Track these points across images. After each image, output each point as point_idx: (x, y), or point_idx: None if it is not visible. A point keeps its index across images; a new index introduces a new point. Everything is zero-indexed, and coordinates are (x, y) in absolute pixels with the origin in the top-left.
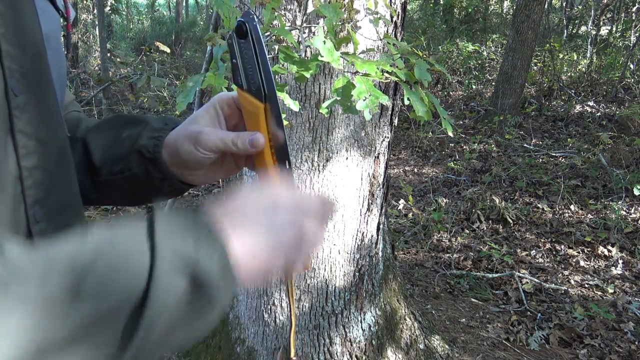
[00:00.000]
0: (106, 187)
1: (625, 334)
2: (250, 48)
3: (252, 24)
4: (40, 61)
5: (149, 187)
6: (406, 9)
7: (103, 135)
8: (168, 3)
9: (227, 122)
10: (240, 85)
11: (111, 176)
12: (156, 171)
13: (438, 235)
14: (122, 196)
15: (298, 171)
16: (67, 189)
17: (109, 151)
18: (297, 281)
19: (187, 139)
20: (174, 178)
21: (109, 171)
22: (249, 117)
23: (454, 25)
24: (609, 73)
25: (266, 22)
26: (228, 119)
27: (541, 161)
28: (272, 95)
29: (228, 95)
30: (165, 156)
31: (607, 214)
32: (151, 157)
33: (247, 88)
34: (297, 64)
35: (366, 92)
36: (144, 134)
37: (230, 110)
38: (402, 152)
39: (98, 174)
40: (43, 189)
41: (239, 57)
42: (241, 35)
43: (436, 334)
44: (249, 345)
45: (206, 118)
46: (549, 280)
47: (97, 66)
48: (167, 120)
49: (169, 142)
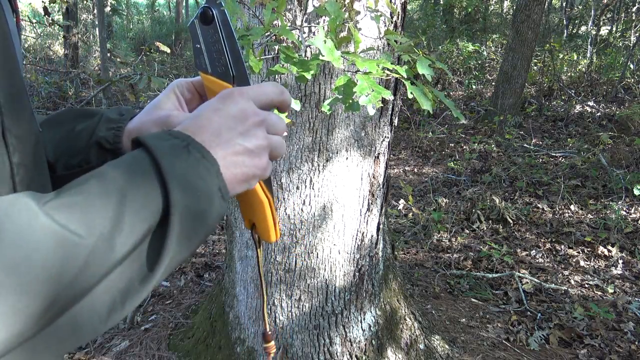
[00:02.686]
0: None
1: (625, 334)
2: (215, 32)
3: (219, 8)
4: (12, 59)
5: None
6: (406, 9)
7: (54, 130)
8: (168, 3)
9: (188, 107)
10: (204, 70)
11: (68, 171)
12: None
13: (438, 235)
14: None
15: (298, 171)
16: (43, 184)
17: (63, 146)
18: (296, 280)
19: (154, 124)
20: None
21: (65, 166)
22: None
23: (454, 25)
24: (609, 73)
25: (266, 22)
26: (189, 104)
27: (541, 161)
28: (242, 76)
29: (187, 81)
30: (127, 145)
31: (607, 214)
32: (111, 148)
33: (211, 71)
34: (297, 65)
35: (368, 88)
36: (101, 126)
37: (190, 95)
38: (402, 152)
39: (53, 170)
40: (25, 185)
41: (202, 41)
42: (206, 21)
43: (436, 334)
44: (249, 345)
45: (168, 103)
46: (549, 280)
47: (97, 66)
48: (123, 111)
49: (130, 130)
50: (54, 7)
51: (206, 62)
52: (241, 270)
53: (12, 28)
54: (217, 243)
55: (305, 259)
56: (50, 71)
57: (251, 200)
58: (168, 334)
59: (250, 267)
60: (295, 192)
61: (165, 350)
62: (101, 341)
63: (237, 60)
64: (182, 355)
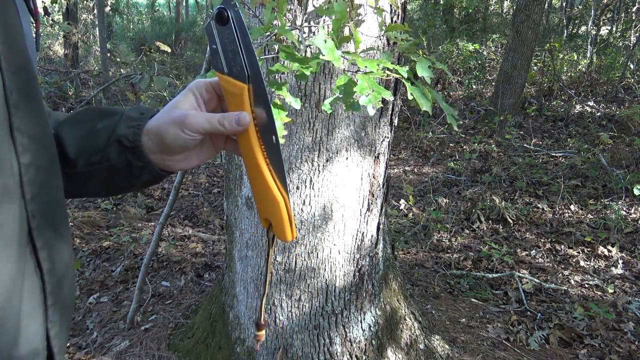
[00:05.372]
0: (82, 180)
1: (625, 334)
2: (231, 33)
3: (234, 9)
4: (25, 59)
5: (128, 175)
6: (406, 9)
7: (76, 128)
8: (168, 3)
9: (206, 107)
10: (220, 70)
11: (88, 167)
12: (136, 159)
13: (438, 235)
14: (98, 187)
15: (298, 171)
16: (55, 184)
17: (85, 143)
18: (296, 281)
19: (172, 124)
20: (153, 166)
21: (86, 163)
22: (231, 99)
23: (454, 25)
24: (609, 73)
25: (266, 22)
26: (207, 104)
27: (541, 161)
28: (256, 76)
29: (205, 81)
30: (146, 143)
31: (607, 214)
32: (131, 146)
33: (228, 72)
34: (298, 62)
35: (369, 88)
36: (122, 124)
37: (208, 95)
38: (402, 152)
39: (73, 167)
40: (37, 185)
41: (219, 42)
42: (221, 22)
43: (436, 334)
44: (249, 345)
45: (186, 103)
46: (549, 280)
47: (97, 66)
48: (143, 110)
49: (149, 129)
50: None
51: (222, 63)
52: (241, 270)
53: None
54: (217, 243)
55: (306, 259)
56: (50, 71)
57: (268, 198)
58: (168, 334)
59: (250, 267)
60: (295, 192)
61: (165, 350)
62: (101, 341)
63: (252, 60)
64: (182, 355)
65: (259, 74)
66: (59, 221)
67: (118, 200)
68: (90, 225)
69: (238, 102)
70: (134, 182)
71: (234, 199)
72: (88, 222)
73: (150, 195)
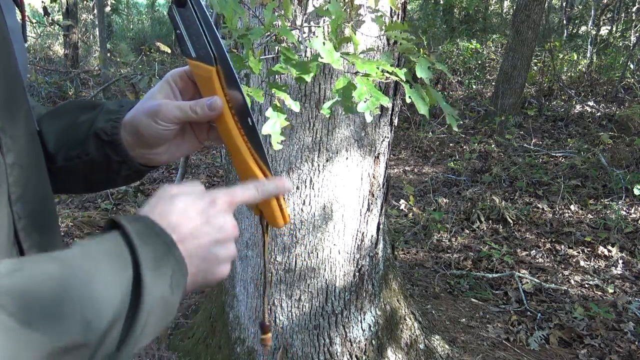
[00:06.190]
0: (61, 174)
1: (625, 334)
2: (191, 14)
3: None
4: (9, 57)
5: (107, 171)
6: (406, 9)
7: (57, 121)
8: (168, 3)
9: (183, 96)
10: (189, 55)
11: (67, 162)
12: (114, 154)
13: (438, 235)
14: (78, 182)
15: (298, 171)
16: (40, 183)
17: (64, 137)
18: (296, 281)
19: (145, 114)
20: (133, 160)
21: (65, 157)
22: (203, 84)
23: (454, 25)
24: (609, 73)
25: (267, 22)
26: (183, 93)
27: (541, 161)
28: (222, 57)
29: (180, 70)
30: (125, 137)
31: (607, 214)
32: (109, 140)
33: (195, 56)
34: (296, 67)
35: (367, 94)
36: (101, 117)
37: (184, 84)
38: (402, 152)
39: (53, 161)
40: (21, 185)
41: (182, 26)
42: (180, 4)
43: (436, 334)
44: (249, 345)
45: (162, 93)
46: (549, 280)
47: (97, 66)
48: (123, 103)
49: (127, 122)
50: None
51: (189, 48)
52: (241, 270)
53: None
54: None
55: (306, 259)
56: (50, 71)
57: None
58: (168, 334)
59: (250, 267)
60: (295, 192)
61: (165, 350)
62: None
63: (215, 39)
64: (182, 355)
65: (224, 55)
66: (47, 221)
67: (118, 200)
68: (90, 225)
69: (209, 86)
70: (114, 178)
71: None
72: (88, 222)
73: (150, 195)
